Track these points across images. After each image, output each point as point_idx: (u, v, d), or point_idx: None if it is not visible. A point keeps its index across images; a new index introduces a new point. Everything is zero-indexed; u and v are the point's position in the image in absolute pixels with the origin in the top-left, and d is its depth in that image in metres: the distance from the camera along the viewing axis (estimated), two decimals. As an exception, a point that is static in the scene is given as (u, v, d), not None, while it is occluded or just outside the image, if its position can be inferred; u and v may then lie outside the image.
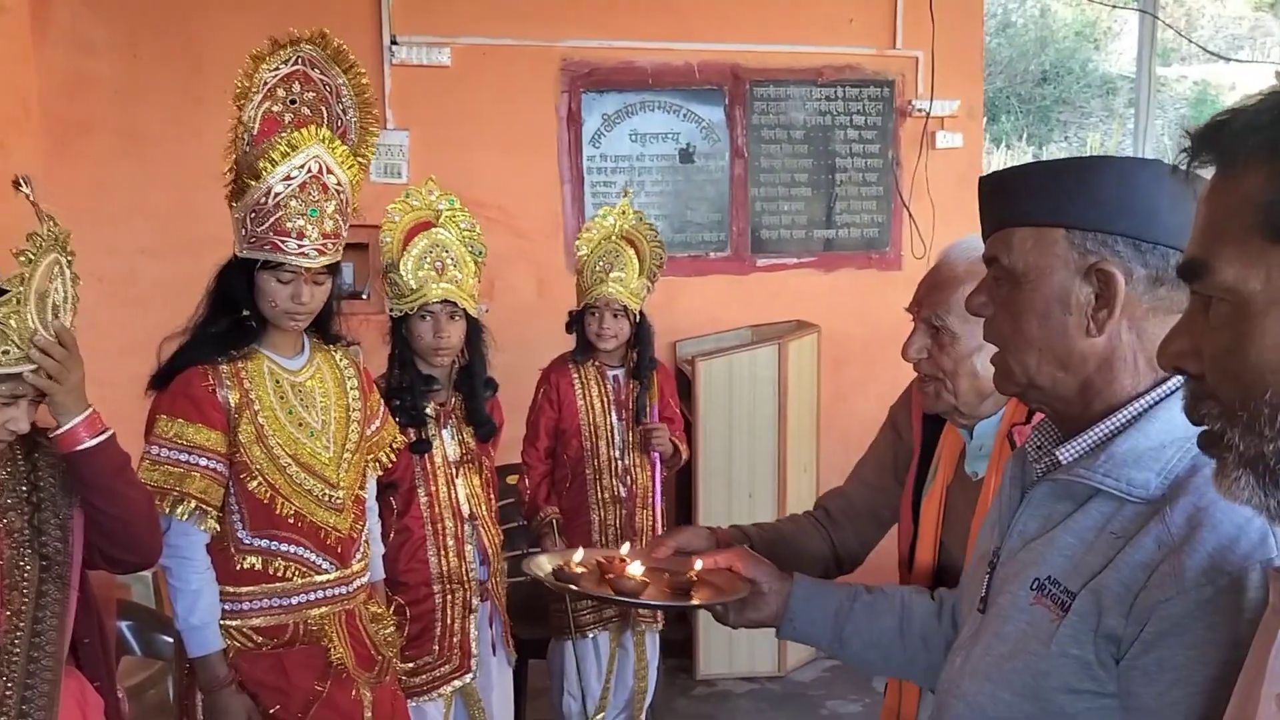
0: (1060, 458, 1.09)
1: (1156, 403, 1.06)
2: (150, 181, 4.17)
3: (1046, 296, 1.07)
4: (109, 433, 1.66)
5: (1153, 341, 1.03)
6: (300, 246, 1.99)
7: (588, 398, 3.11)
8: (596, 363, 3.15)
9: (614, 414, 3.13)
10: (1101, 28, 13.58)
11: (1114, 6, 6.01)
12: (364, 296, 4.37)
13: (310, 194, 1.99)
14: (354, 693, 2.14)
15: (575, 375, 3.13)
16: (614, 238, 3.10)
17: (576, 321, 3.14)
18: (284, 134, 1.99)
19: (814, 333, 4.32)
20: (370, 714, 2.17)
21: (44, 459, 1.66)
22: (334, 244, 2.06)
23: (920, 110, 4.65)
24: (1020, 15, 13.10)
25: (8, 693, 1.52)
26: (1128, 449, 1.04)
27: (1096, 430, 1.07)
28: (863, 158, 4.72)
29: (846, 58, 4.66)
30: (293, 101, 2.04)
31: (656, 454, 3.17)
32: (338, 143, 2.04)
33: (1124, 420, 1.06)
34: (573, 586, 1.52)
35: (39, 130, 4.09)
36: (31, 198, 1.63)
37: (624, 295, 3.06)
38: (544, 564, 1.59)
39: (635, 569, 1.50)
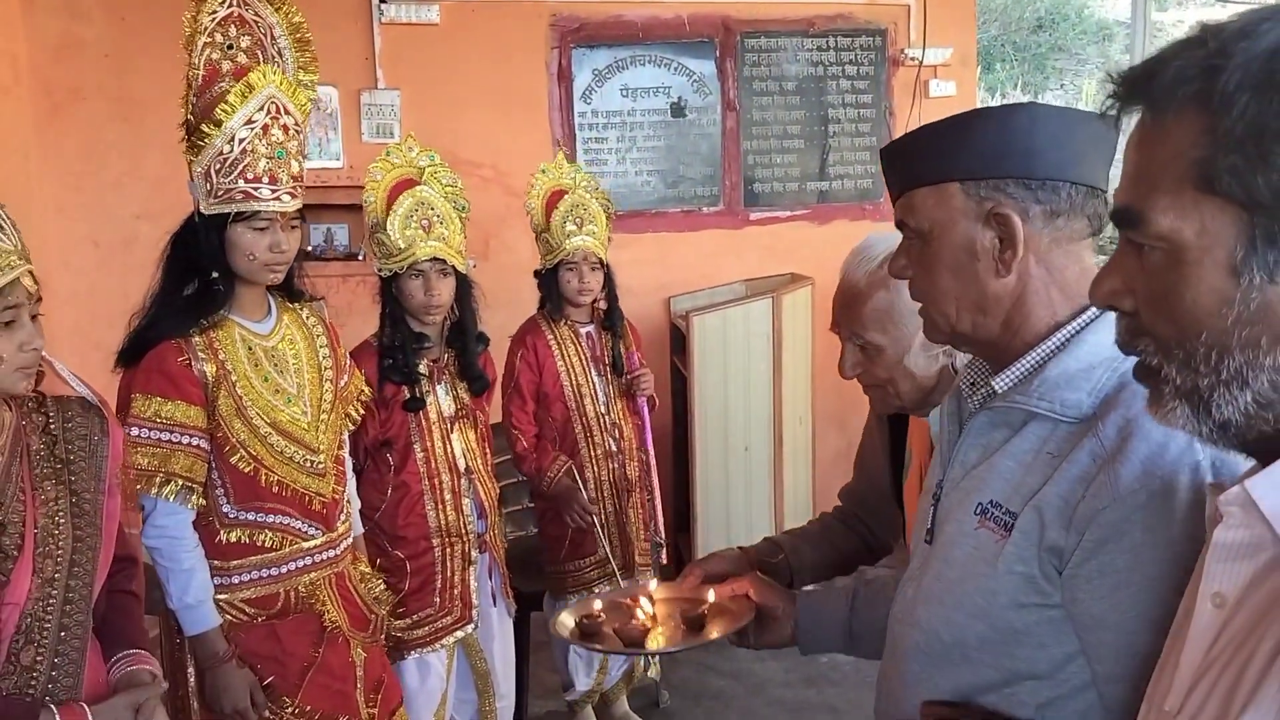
0: (995, 387, 1.15)
1: (1081, 329, 1.11)
2: (145, 146, 4.16)
3: (954, 247, 1.13)
4: None
5: (1060, 271, 1.12)
6: (274, 191, 1.96)
7: (566, 357, 3.12)
8: (569, 321, 3.15)
9: (593, 370, 3.14)
10: (1098, -30, 13.43)
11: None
12: (360, 258, 4.37)
13: (274, 136, 1.96)
14: (349, 655, 2.16)
15: (551, 336, 3.13)
16: (578, 192, 3.09)
17: (549, 279, 3.13)
18: (224, 82, 1.96)
19: (808, 285, 4.33)
20: (362, 673, 2.19)
21: (74, 431, 1.64)
22: (300, 187, 2.03)
23: (913, 59, 4.63)
24: (1016, -38, 12.94)
25: (39, 660, 1.52)
26: (1059, 373, 1.09)
27: (1027, 359, 1.13)
28: (855, 108, 4.71)
29: (837, 6, 4.63)
30: (229, 47, 2.00)
31: (643, 401, 3.19)
32: (286, 81, 2.01)
33: (1053, 347, 1.12)
34: (597, 646, 1.59)
35: (29, 95, 4.08)
36: None
37: (599, 248, 3.07)
38: (567, 621, 1.60)
39: (646, 606, 1.58)
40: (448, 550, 2.60)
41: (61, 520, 1.57)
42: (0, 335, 1.47)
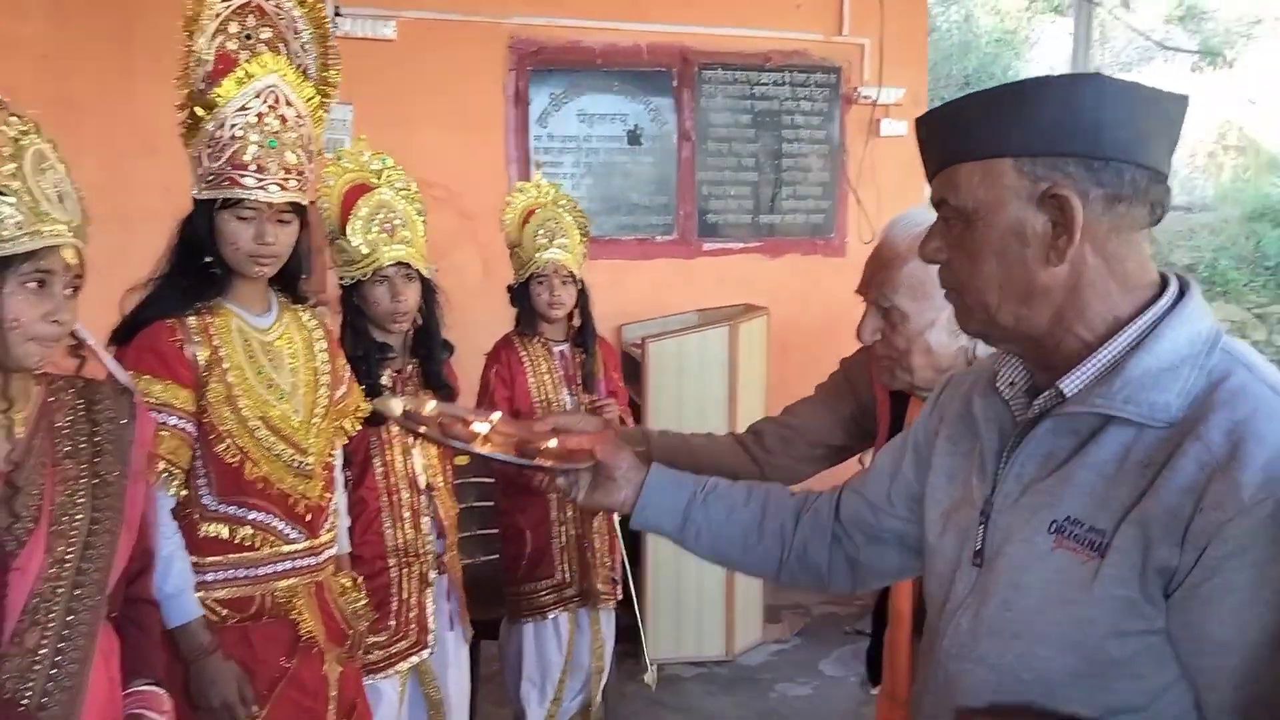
0: (1064, 390, 1.03)
1: (1155, 323, 1.01)
2: (82, 152, 3.93)
3: (1001, 231, 1.02)
4: None
5: (1119, 261, 1.01)
6: (260, 180, 1.89)
7: (538, 374, 3.05)
8: (542, 338, 3.08)
9: (565, 389, 3.07)
10: (1021, 35, 13.93)
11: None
12: (303, 276, 4.23)
13: (268, 124, 1.89)
14: (322, 669, 2.04)
15: (524, 352, 3.06)
16: (549, 206, 3.06)
17: (521, 294, 3.06)
18: (211, 65, 1.91)
19: (763, 315, 4.31)
20: (335, 691, 2.08)
21: (102, 414, 1.59)
22: (297, 181, 1.95)
23: (866, 97, 4.69)
24: (944, 20, 13.36)
25: (43, 643, 1.45)
26: (1142, 372, 0.99)
27: (1098, 357, 1.02)
28: (809, 143, 4.75)
29: (794, 43, 4.68)
30: (248, 37, 1.94)
31: None
32: (294, 73, 1.95)
33: (1127, 344, 1.01)
34: (422, 429, 1.47)
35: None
36: None
37: (571, 261, 3.01)
38: (394, 406, 1.52)
39: (480, 426, 1.45)
40: (404, 571, 2.47)
41: (80, 500, 1.52)
42: (24, 300, 1.43)
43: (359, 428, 2.28)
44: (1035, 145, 0.99)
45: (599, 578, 3.05)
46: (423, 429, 1.47)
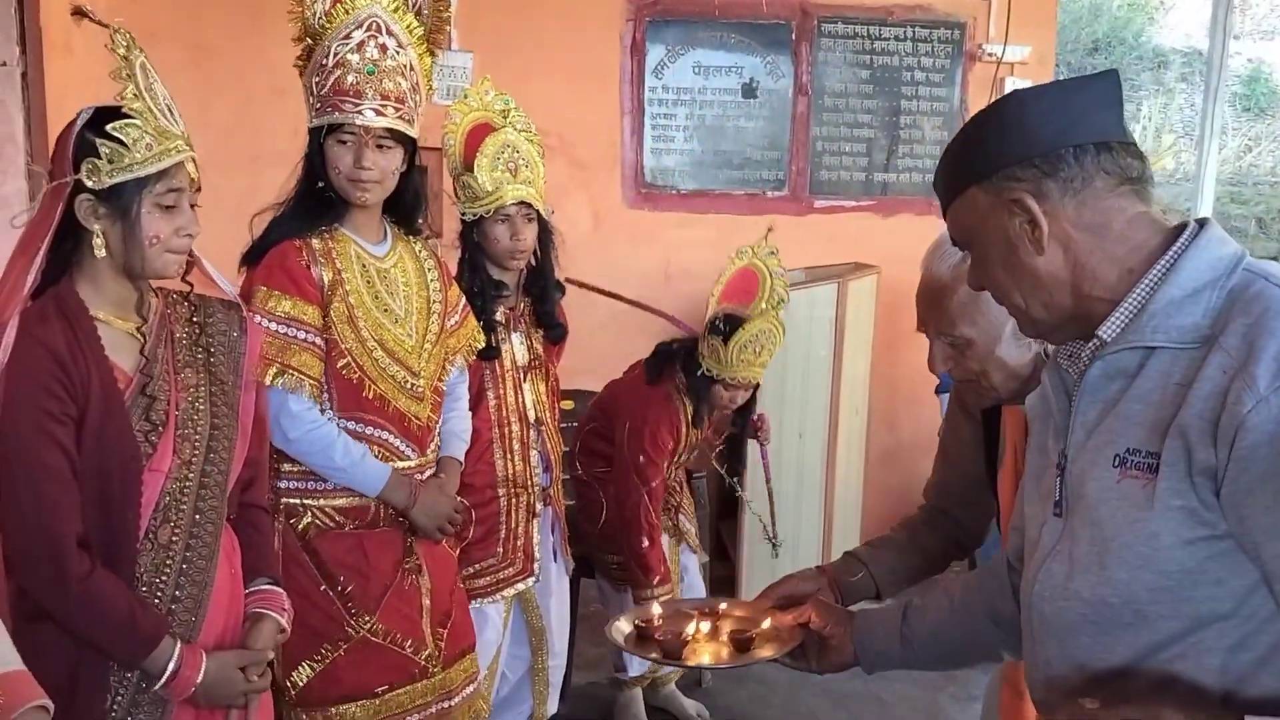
0: (1103, 336, 1.14)
1: (1175, 260, 1.11)
2: (213, 94, 4.15)
3: (994, 244, 1.18)
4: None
5: (1104, 227, 1.13)
6: (358, 105, 1.99)
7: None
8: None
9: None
10: (1155, 0, 13.31)
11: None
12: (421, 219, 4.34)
13: (368, 52, 1.99)
14: (418, 582, 2.15)
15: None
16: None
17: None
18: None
19: (874, 274, 4.26)
20: (428, 602, 2.18)
21: (214, 326, 1.71)
22: (396, 109, 2.03)
23: (991, 55, 4.57)
24: (1076, -18, 12.84)
25: (174, 539, 1.57)
26: (1165, 302, 1.09)
27: (1127, 302, 1.12)
28: (929, 101, 4.64)
29: (917, -2, 4.57)
30: None
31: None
32: (397, 5, 2.04)
33: (1150, 284, 1.11)
34: (642, 653, 1.61)
35: (103, 33, 4.06)
36: (95, 18, 1.67)
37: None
38: (624, 627, 1.64)
39: (702, 625, 1.61)
40: (513, 501, 2.55)
41: (201, 406, 1.63)
42: (160, 217, 1.54)
43: (473, 359, 2.36)
44: (987, 168, 1.16)
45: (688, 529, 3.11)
46: (653, 655, 1.60)
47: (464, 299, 2.36)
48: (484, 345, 2.45)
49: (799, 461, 4.09)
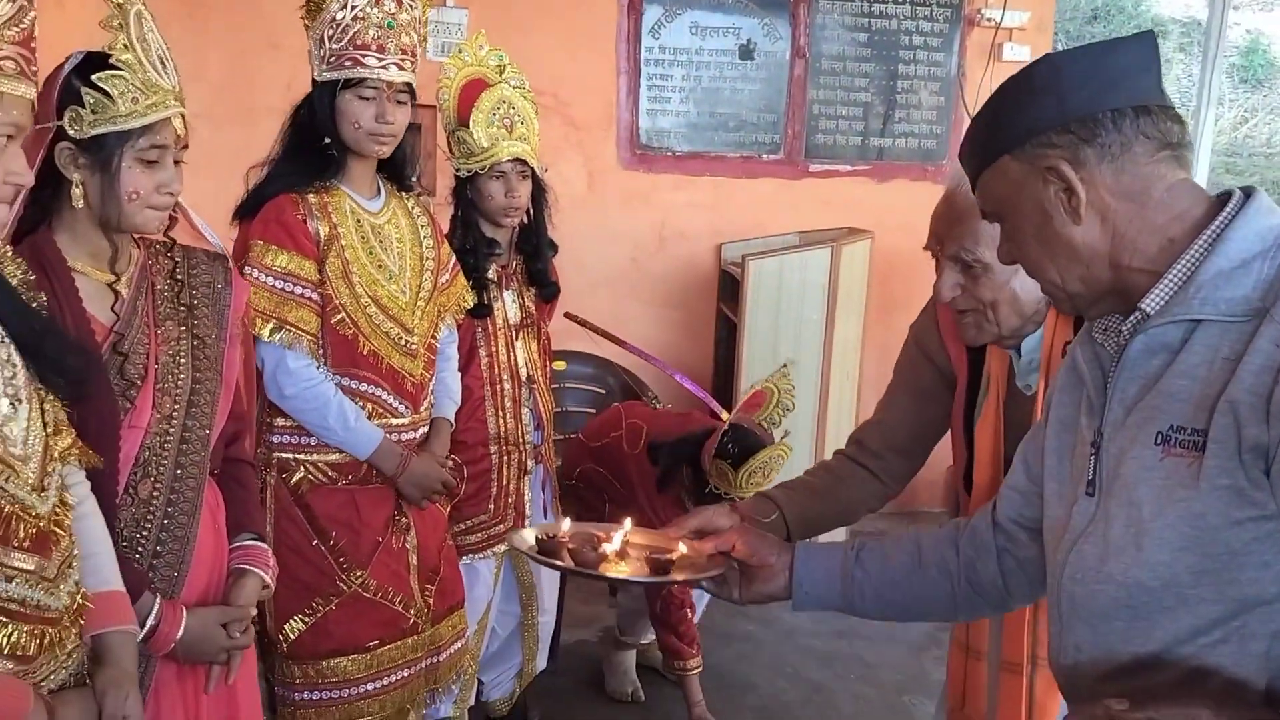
0: (1145, 309, 1.09)
1: (1222, 230, 1.06)
2: (207, 47, 4.11)
3: (1028, 214, 1.13)
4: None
5: (1143, 195, 1.08)
6: (382, 60, 1.98)
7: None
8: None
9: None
10: (1157, -32, 13.21)
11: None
12: (415, 177, 4.31)
13: (386, 5, 1.98)
14: (405, 540, 2.17)
15: None
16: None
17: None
18: None
19: (868, 239, 4.26)
20: (416, 560, 2.19)
21: (199, 279, 1.67)
22: (411, 62, 2.04)
23: (989, 20, 4.54)
24: (1076, -51, 12.74)
25: (155, 494, 1.56)
26: (1214, 273, 1.05)
27: (1172, 273, 1.07)
28: (926, 66, 4.62)
29: (917, -39, 4.54)
30: None
31: None
32: None
33: (1197, 254, 1.07)
34: (553, 562, 1.46)
35: None
36: None
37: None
38: (527, 537, 1.55)
39: (610, 546, 1.47)
40: (505, 458, 2.56)
41: (183, 360, 1.60)
42: (141, 172, 1.50)
43: (462, 317, 2.36)
44: (1020, 135, 1.11)
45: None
46: (557, 563, 1.46)
47: (454, 257, 2.35)
48: (474, 304, 2.45)
49: (789, 426, 4.11)
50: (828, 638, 3.68)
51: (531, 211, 2.61)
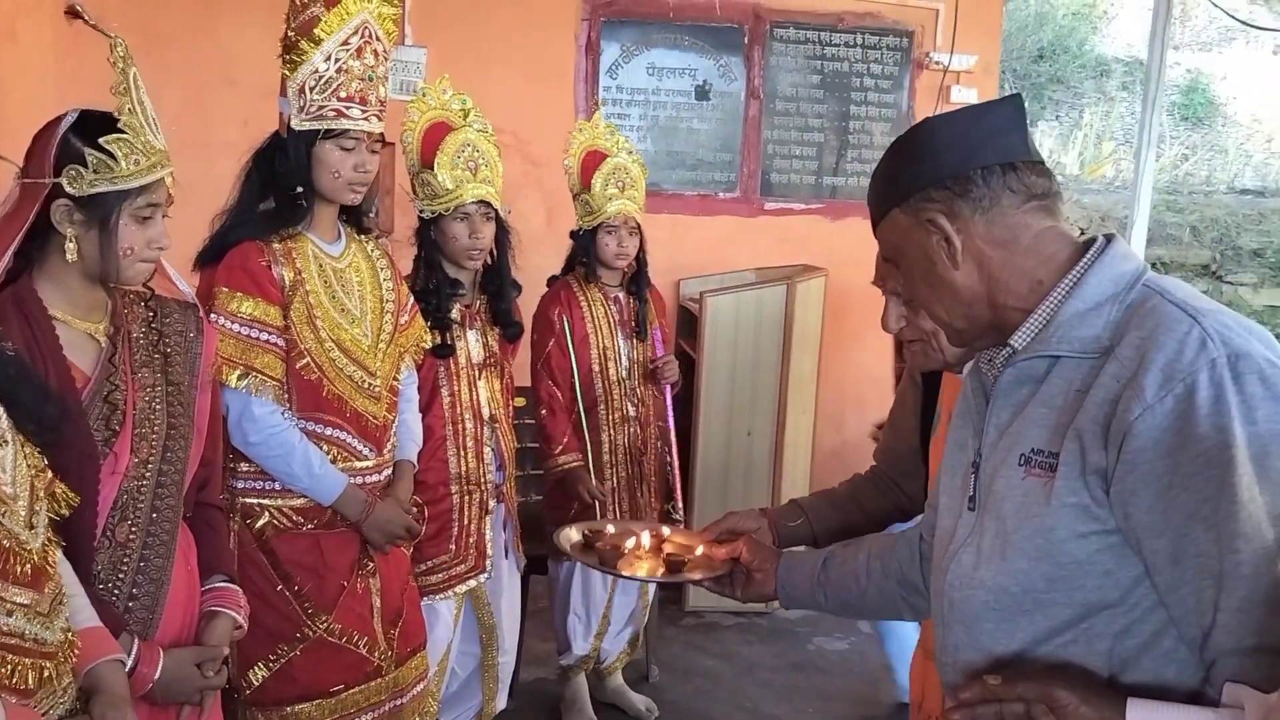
0: (1014, 345, 1.23)
1: (1081, 275, 1.19)
2: (164, 82, 4.06)
3: (916, 260, 1.25)
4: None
5: (1013, 242, 1.21)
6: (364, 112, 2.02)
7: (595, 319, 3.11)
8: (599, 283, 3.14)
9: (619, 334, 3.14)
10: (1099, 10, 13.60)
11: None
12: (372, 214, 4.33)
13: (366, 59, 2.02)
14: (368, 582, 2.18)
15: (582, 296, 3.12)
16: (619, 154, 3.09)
17: (587, 241, 3.11)
18: (315, 8, 2.01)
19: (821, 276, 4.34)
20: (379, 602, 2.19)
21: (171, 327, 1.71)
22: (384, 113, 2.07)
23: (937, 64, 4.66)
24: (1022, -10, 13.08)
25: (132, 537, 1.59)
26: (1070, 315, 1.18)
27: (1037, 313, 1.21)
28: (877, 107, 4.73)
29: (867, 5, 4.65)
30: None
31: (667, 384, 3.20)
32: (378, 11, 2.06)
33: (1058, 297, 1.20)
34: (587, 560, 1.77)
35: (49, 20, 4.00)
36: (90, 21, 1.67)
37: (638, 212, 3.10)
38: (572, 534, 1.81)
39: (644, 540, 1.76)
40: (466, 498, 2.57)
41: (158, 406, 1.64)
42: (136, 229, 1.57)
43: (422, 358, 2.38)
44: (905, 191, 1.25)
45: (647, 519, 3.12)
46: (591, 561, 1.77)
47: (412, 298, 2.37)
48: (434, 344, 2.48)
49: (747, 460, 4.16)
50: (786, 671, 3.71)
51: (495, 252, 2.64)
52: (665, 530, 1.83)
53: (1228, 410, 1.05)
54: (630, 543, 1.76)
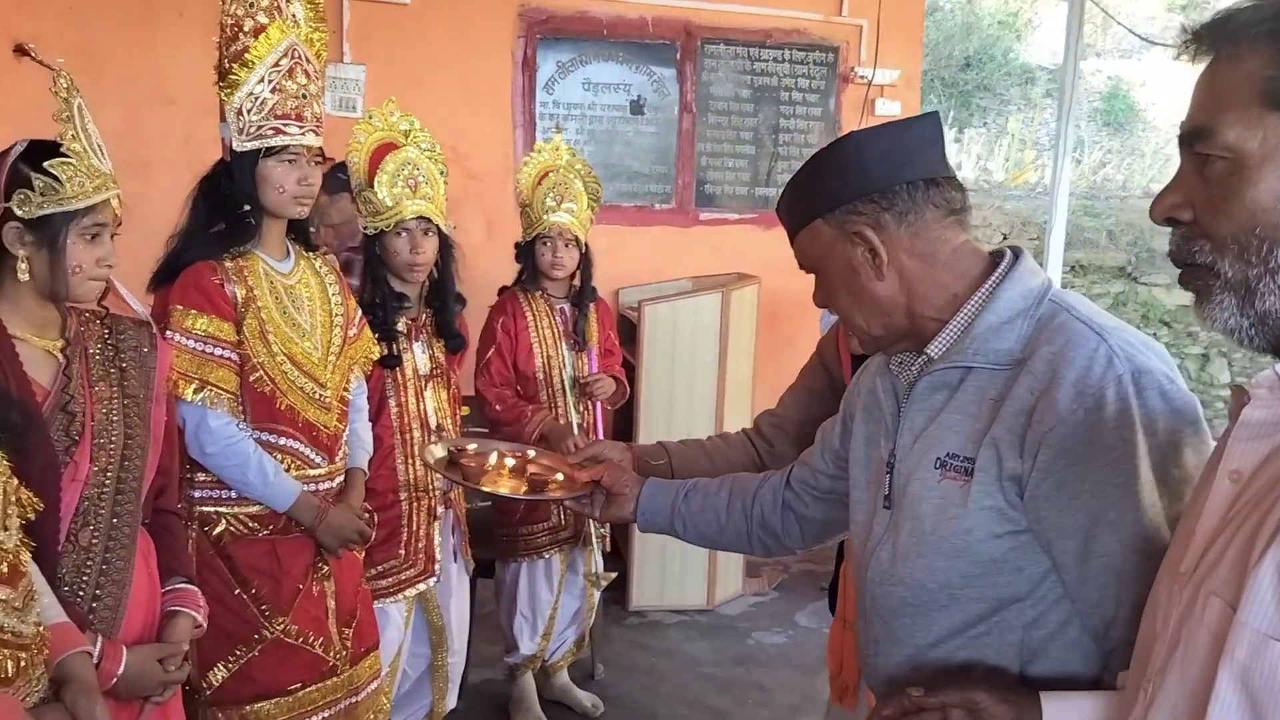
0: (930, 354, 1.29)
1: (994, 289, 1.26)
2: (103, 102, 4.08)
3: (839, 270, 1.30)
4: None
5: (932, 255, 1.27)
6: (302, 128, 2.11)
7: (539, 329, 3.21)
8: (545, 294, 3.25)
9: (564, 344, 3.24)
10: (1023, 19, 14.01)
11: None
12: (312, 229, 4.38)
13: (298, 78, 2.11)
14: (322, 584, 2.26)
15: (527, 306, 3.22)
16: (561, 170, 3.19)
17: (526, 252, 3.23)
18: (245, 38, 2.09)
19: (755, 284, 4.49)
20: (334, 604, 2.28)
21: (126, 343, 1.79)
22: (321, 127, 2.17)
23: (862, 77, 4.85)
24: (948, 0, 13.44)
25: (94, 541, 1.67)
26: (985, 328, 1.25)
27: (953, 324, 1.28)
28: (806, 120, 4.91)
29: (794, 21, 4.83)
30: (251, 5, 2.10)
31: (596, 402, 3.30)
32: (304, 33, 2.15)
33: (973, 309, 1.27)
34: (451, 476, 1.84)
35: None
36: (37, 58, 1.75)
37: (575, 225, 3.18)
38: (436, 451, 1.88)
39: (492, 460, 1.84)
40: (414, 504, 2.66)
41: (115, 418, 1.73)
42: (84, 248, 1.66)
43: (370, 369, 2.47)
44: (830, 202, 1.30)
45: (591, 521, 3.23)
46: (455, 478, 1.83)
47: (360, 312, 2.46)
48: (381, 355, 2.57)
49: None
50: (727, 665, 3.84)
51: (439, 266, 2.74)
52: (530, 452, 1.90)
53: (1132, 423, 1.13)
54: (494, 459, 1.83)
